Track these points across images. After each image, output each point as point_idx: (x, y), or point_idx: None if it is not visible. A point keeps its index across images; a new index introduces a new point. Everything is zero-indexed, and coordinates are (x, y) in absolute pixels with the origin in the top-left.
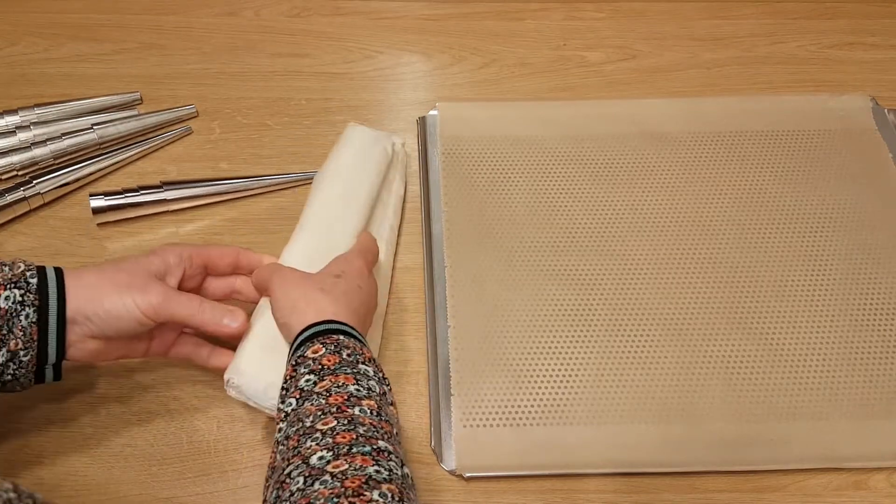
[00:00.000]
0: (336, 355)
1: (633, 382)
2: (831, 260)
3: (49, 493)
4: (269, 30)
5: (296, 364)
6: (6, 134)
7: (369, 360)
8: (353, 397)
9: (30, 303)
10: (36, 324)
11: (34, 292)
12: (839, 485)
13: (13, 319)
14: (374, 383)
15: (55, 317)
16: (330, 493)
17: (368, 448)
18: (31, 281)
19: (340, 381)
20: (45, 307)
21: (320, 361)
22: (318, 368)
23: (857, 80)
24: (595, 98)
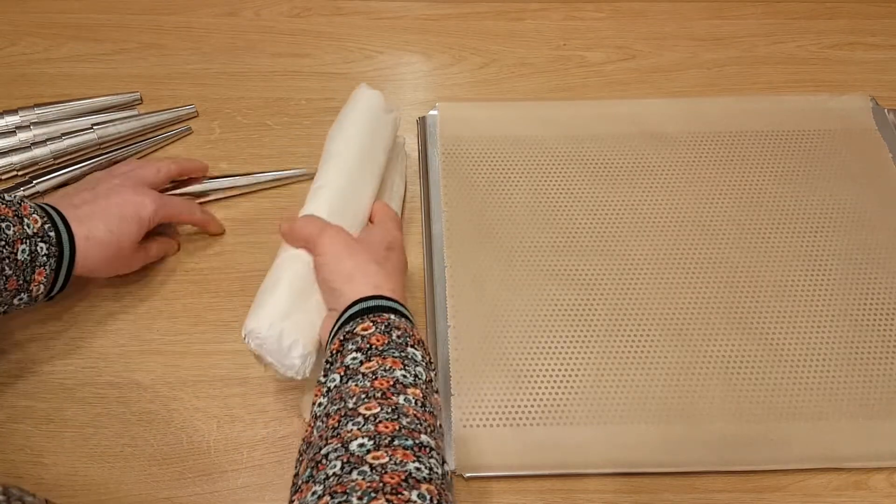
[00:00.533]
0: (386, 335)
1: (633, 382)
2: (831, 260)
3: (49, 493)
4: (269, 30)
5: (344, 339)
6: (6, 134)
7: (418, 342)
8: (398, 383)
9: (53, 254)
10: (55, 271)
11: (55, 245)
12: (839, 485)
13: (35, 268)
14: (422, 369)
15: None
16: (368, 487)
17: (410, 442)
18: (51, 234)
19: (388, 365)
20: (61, 256)
21: (369, 340)
22: (367, 347)
23: (857, 80)
24: (595, 98)
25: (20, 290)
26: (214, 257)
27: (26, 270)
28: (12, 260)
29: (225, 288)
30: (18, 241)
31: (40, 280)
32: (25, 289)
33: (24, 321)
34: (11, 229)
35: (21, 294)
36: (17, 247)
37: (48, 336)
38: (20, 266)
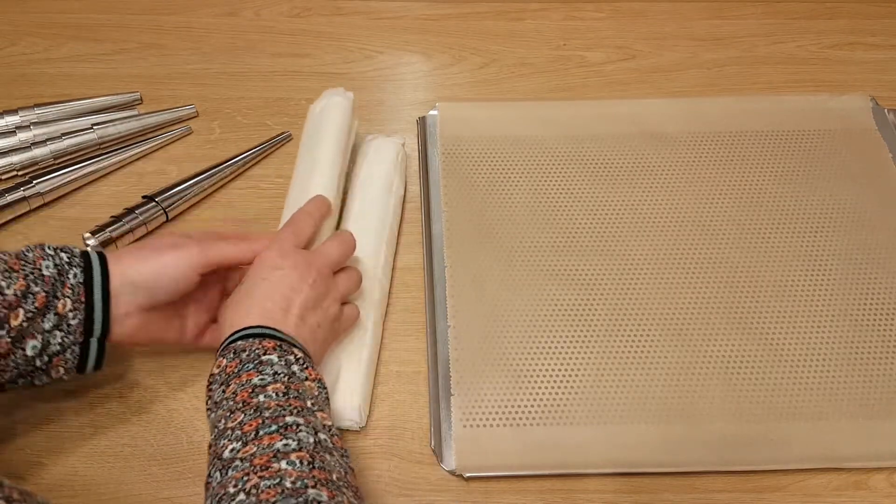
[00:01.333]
0: (235, 360)
1: (633, 382)
2: (831, 260)
3: (49, 493)
4: (269, 30)
5: (209, 384)
6: (6, 134)
7: (273, 348)
8: (256, 388)
9: (76, 264)
10: (83, 284)
11: (79, 256)
12: (839, 485)
13: (62, 280)
14: (280, 367)
15: (100, 282)
16: (241, 475)
17: (275, 427)
18: (73, 249)
19: (243, 379)
20: (89, 269)
21: (225, 371)
22: (225, 378)
23: (857, 80)
24: (595, 98)
25: (48, 308)
26: None
27: (55, 284)
28: (38, 275)
29: None
30: (40, 259)
31: (66, 293)
32: (54, 305)
33: None
34: (31, 252)
35: (49, 313)
36: (39, 263)
37: None
38: (48, 281)
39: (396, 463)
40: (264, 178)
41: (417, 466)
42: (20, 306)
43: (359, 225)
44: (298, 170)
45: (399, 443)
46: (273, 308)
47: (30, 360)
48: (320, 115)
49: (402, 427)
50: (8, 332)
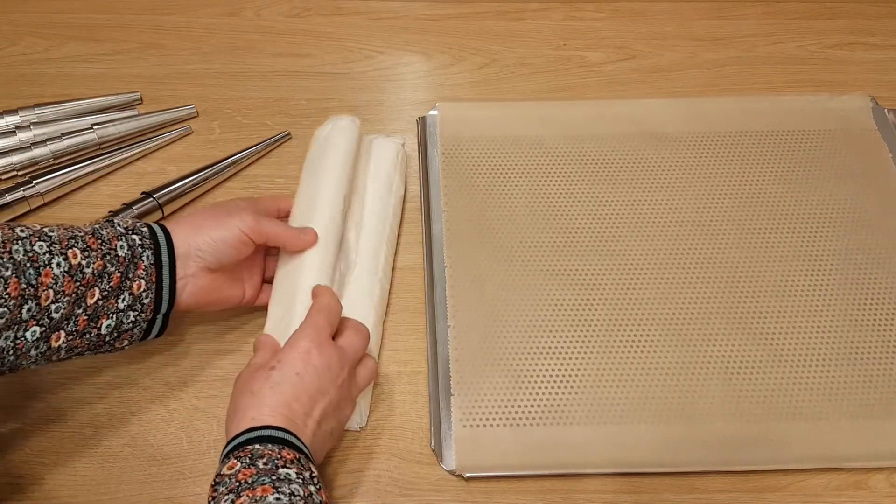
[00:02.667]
0: (252, 468)
1: (633, 382)
2: (831, 260)
3: (49, 493)
4: (269, 30)
5: (215, 484)
6: (6, 134)
7: (292, 461)
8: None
9: (147, 245)
10: (154, 265)
11: (148, 237)
12: (839, 485)
13: (135, 262)
14: (298, 486)
15: (167, 261)
16: None
17: None
18: (143, 229)
19: (258, 495)
20: (157, 249)
21: (236, 478)
22: (236, 486)
23: (857, 80)
24: (595, 98)
25: (122, 288)
26: None
27: (129, 266)
28: (113, 256)
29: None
30: (115, 239)
31: (140, 275)
32: (128, 287)
33: None
34: (105, 230)
35: (123, 293)
36: (114, 243)
37: None
38: (122, 262)
39: (396, 463)
40: (264, 178)
41: (417, 466)
42: (96, 285)
43: (359, 224)
44: (301, 201)
45: (399, 443)
46: (299, 411)
47: (102, 337)
48: (326, 141)
49: (402, 427)
50: (84, 309)
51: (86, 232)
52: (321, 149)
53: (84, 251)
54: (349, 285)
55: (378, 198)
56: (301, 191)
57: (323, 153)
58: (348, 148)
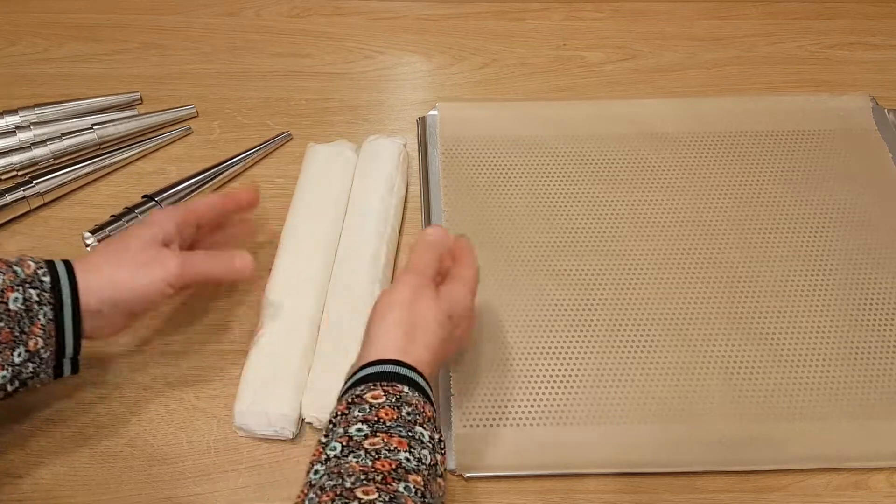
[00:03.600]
0: (396, 410)
1: (633, 382)
2: (831, 260)
3: (49, 493)
4: (269, 30)
5: (350, 403)
6: (6, 134)
7: (429, 419)
8: (401, 468)
9: (46, 301)
10: (53, 321)
11: (48, 291)
12: (839, 485)
13: (31, 319)
14: (427, 452)
15: (70, 314)
16: None
17: None
18: (45, 280)
19: (393, 444)
20: (59, 305)
21: (377, 413)
22: (374, 420)
23: (857, 80)
24: (595, 98)
25: (17, 343)
26: None
27: (22, 321)
28: (3, 310)
29: (225, 288)
30: (9, 290)
31: (37, 332)
32: (23, 341)
33: None
34: (1, 278)
35: (19, 348)
36: (7, 295)
37: None
38: (13, 316)
39: None
40: (265, 179)
41: None
42: None
43: (359, 227)
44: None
45: None
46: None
47: (1, 386)
48: (325, 167)
49: None
50: None
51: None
52: (322, 172)
53: None
54: (351, 286)
55: (379, 198)
56: (294, 218)
57: (324, 179)
58: (345, 181)
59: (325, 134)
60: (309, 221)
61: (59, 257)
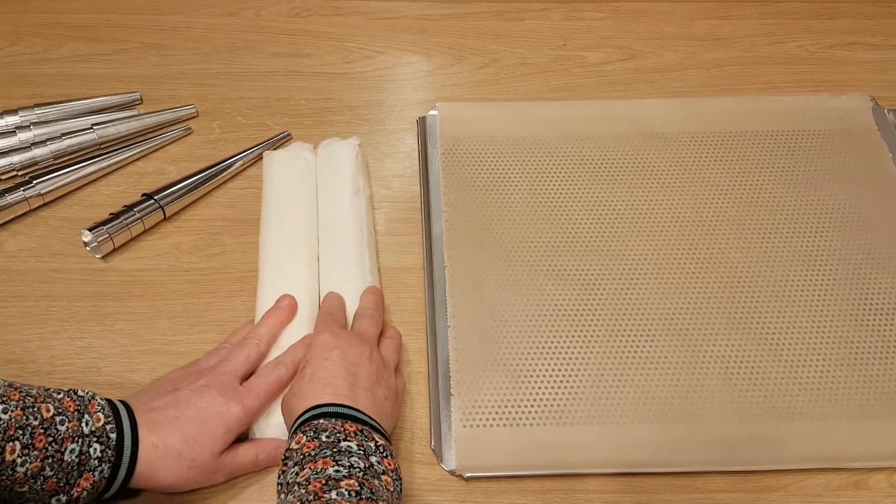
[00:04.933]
0: (315, 441)
1: (633, 382)
2: (831, 260)
3: None
4: (269, 30)
5: (285, 459)
6: (6, 134)
7: (354, 433)
8: (331, 480)
9: (108, 459)
10: (106, 479)
11: (113, 448)
12: (839, 485)
13: (81, 472)
14: (357, 458)
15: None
16: None
17: None
18: (112, 437)
19: (319, 467)
20: (118, 465)
21: (301, 451)
22: (301, 459)
23: (857, 80)
24: (595, 98)
25: (59, 492)
26: (215, 257)
27: (71, 473)
28: (56, 460)
29: (225, 288)
30: (69, 440)
31: (85, 486)
32: (66, 491)
33: (23, 321)
34: (66, 425)
35: (60, 495)
36: (65, 445)
37: (48, 336)
38: (65, 467)
39: None
40: None
41: (417, 466)
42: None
43: (336, 234)
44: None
45: (399, 443)
46: (342, 385)
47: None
48: (285, 172)
49: (401, 427)
50: None
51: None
52: (284, 177)
53: (24, 448)
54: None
55: (348, 202)
56: (267, 232)
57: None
58: (310, 181)
59: (325, 134)
60: (283, 229)
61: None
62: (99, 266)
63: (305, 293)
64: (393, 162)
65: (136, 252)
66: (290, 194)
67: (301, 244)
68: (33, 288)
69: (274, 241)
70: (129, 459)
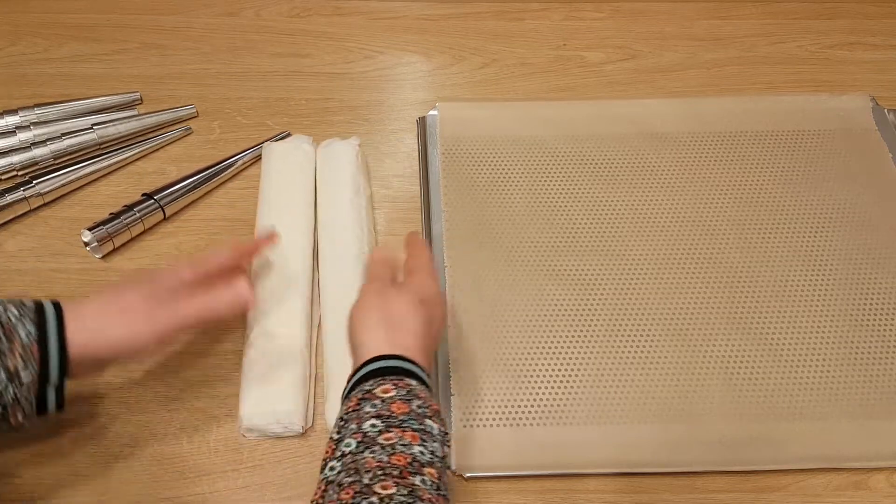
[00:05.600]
0: (406, 403)
1: (633, 382)
2: (831, 260)
3: (49, 493)
4: (269, 30)
5: (361, 398)
6: (6, 134)
7: (436, 413)
8: (416, 462)
9: (27, 316)
10: (37, 342)
11: (33, 311)
12: (839, 485)
13: (9, 338)
14: (438, 445)
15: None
16: None
17: None
18: (28, 304)
19: (407, 439)
20: (42, 324)
21: (389, 407)
22: (387, 415)
23: (857, 80)
24: (595, 98)
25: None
26: None
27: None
28: None
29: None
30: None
31: (17, 351)
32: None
33: None
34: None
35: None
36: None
37: None
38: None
39: None
40: None
41: None
42: None
43: (336, 233)
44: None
45: None
46: (428, 347)
47: None
48: (283, 164)
49: None
50: None
51: None
52: (283, 168)
53: None
54: (342, 288)
55: (349, 202)
56: (264, 218)
57: (287, 175)
58: (308, 173)
59: (325, 134)
60: (281, 219)
61: (59, 257)
62: (99, 266)
63: (300, 287)
64: (393, 162)
65: (136, 252)
66: (289, 186)
67: (298, 238)
68: (33, 288)
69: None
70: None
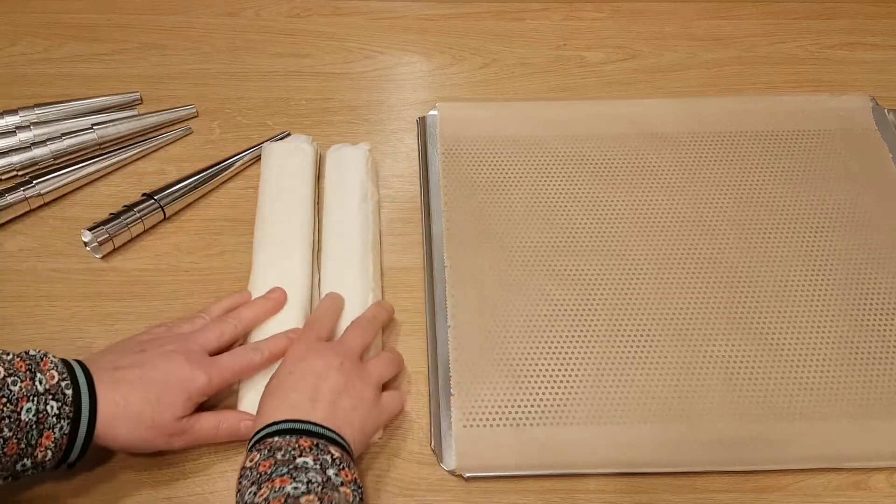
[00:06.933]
0: (270, 459)
1: (633, 382)
2: (831, 260)
3: (49, 494)
4: (269, 30)
5: (240, 478)
6: (6, 134)
7: (308, 449)
8: (290, 497)
9: (66, 415)
10: (67, 436)
11: (70, 404)
12: (839, 485)
13: (41, 431)
14: (315, 473)
15: (85, 431)
16: None
17: None
18: (67, 393)
19: (277, 485)
20: (77, 420)
21: (257, 469)
22: (257, 478)
23: (857, 80)
24: (595, 98)
25: (22, 456)
26: (215, 257)
27: (31, 433)
28: (14, 420)
29: (225, 288)
30: (24, 399)
31: (47, 444)
32: (29, 454)
33: (22, 321)
34: (18, 385)
35: (24, 460)
36: (21, 405)
37: (48, 336)
38: (23, 427)
39: (396, 463)
40: None
41: (417, 466)
42: None
43: (342, 237)
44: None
45: (399, 443)
46: (300, 399)
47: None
48: (283, 166)
49: (402, 427)
50: None
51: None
52: (282, 168)
53: None
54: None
55: (356, 207)
56: (262, 223)
57: (286, 175)
58: (308, 174)
59: (325, 134)
60: (279, 219)
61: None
62: (99, 266)
63: (298, 287)
64: (393, 162)
65: (136, 252)
66: (289, 186)
67: (298, 237)
68: (33, 288)
69: (269, 234)
70: (88, 414)
